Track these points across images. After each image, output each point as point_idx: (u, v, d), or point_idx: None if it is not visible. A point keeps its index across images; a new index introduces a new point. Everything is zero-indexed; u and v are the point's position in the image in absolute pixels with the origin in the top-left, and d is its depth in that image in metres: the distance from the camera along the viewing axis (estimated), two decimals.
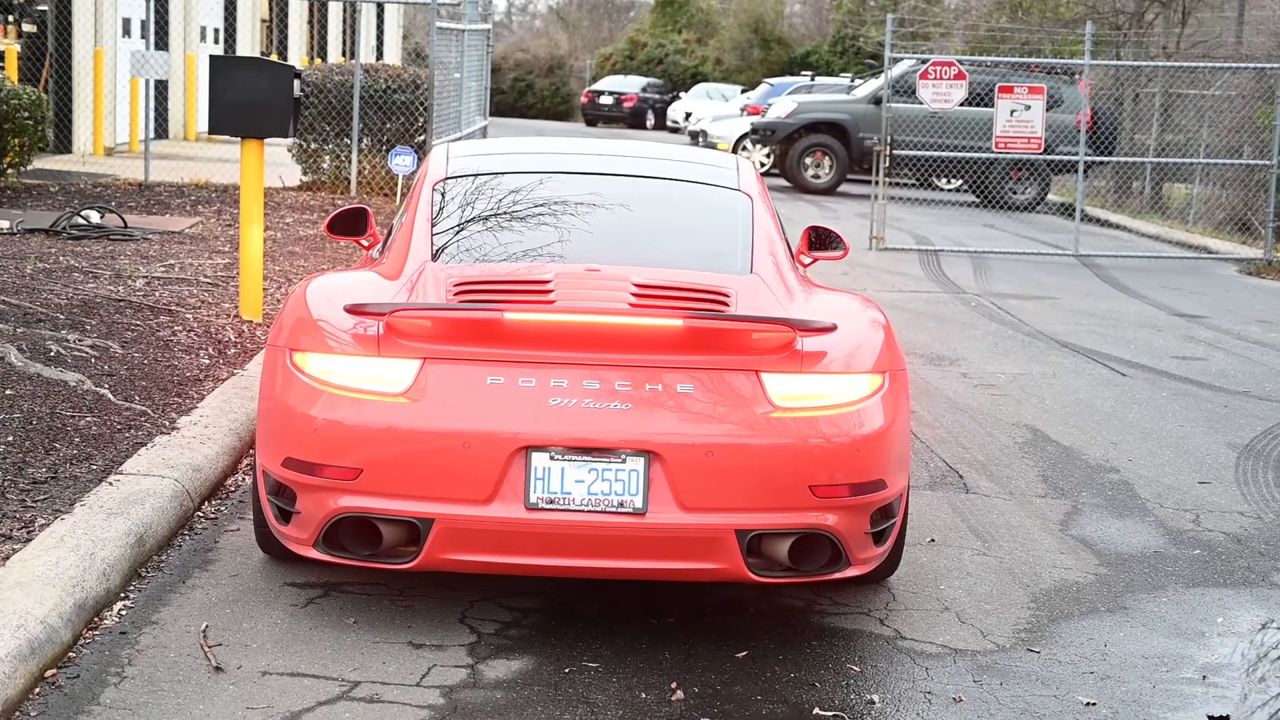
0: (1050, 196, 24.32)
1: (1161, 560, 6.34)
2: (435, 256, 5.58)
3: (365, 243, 6.77)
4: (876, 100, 23.58)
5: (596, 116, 51.66)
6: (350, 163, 18.15)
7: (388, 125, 18.20)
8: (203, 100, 24.83)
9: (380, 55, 36.86)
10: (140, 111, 21.20)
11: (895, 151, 18.67)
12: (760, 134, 27.01)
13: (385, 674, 4.75)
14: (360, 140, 18.04)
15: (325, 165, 18.49)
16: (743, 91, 43.96)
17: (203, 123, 25.05)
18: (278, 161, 18.07)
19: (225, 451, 6.81)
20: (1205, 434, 8.68)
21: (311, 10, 33.38)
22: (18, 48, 20.02)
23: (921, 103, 17.57)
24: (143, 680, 4.61)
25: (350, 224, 6.71)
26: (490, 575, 5.41)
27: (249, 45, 29.35)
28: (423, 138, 17.64)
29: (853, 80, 32.55)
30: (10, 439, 6.56)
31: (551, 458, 4.85)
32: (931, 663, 5.08)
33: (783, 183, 25.50)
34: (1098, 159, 21.77)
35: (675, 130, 45.61)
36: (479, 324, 4.96)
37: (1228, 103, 22.14)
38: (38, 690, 4.48)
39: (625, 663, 4.94)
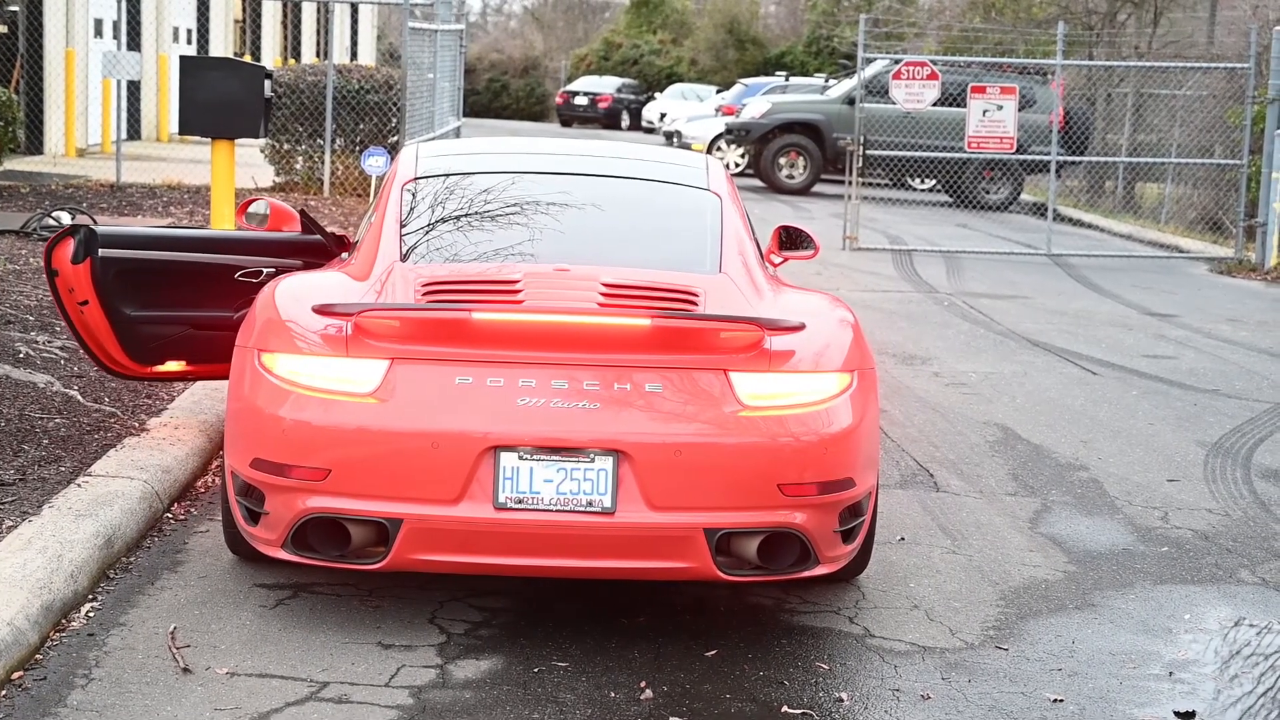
0: (1023, 196, 24.39)
1: (1130, 558, 6.37)
2: (404, 257, 5.57)
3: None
4: (850, 100, 23.62)
5: (572, 117, 51.63)
6: (323, 163, 18.11)
7: (361, 126, 18.18)
8: (175, 101, 24.71)
9: (354, 56, 36.83)
10: (112, 112, 21.12)
11: (869, 152, 18.73)
12: (735, 134, 27.05)
13: (354, 674, 4.74)
14: (333, 141, 18.01)
15: (298, 166, 18.45)
16: (717, 92, 44.00)
17: (175, 124, 24.94)
18: (251, 162, 18.02)
19: (195, 453, 6.79)
20: (1174, 432, 8.72)
21: (285, 11, 33.31)
22: None
23: (895, 103, 17.61)
24: (110, 682, 4.60)
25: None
26: (460, 575, 5.41)
27: (222, 46, 29.25)
28: (396, 138, 17.61)
29: (827, 80, 32.63)
30: None
31: (520, 457, 4.85)
32: (900, 660, 5.09)
33: (757, 183, 25.53)
34: (1070, 159, 21.83)
35: (650, 131, 45.60)
36: (447, 324, 4.96)
37: (1199, 103, 22.25)
38: (4, 693, 4.47)
39: (594, 662, 4.94)
